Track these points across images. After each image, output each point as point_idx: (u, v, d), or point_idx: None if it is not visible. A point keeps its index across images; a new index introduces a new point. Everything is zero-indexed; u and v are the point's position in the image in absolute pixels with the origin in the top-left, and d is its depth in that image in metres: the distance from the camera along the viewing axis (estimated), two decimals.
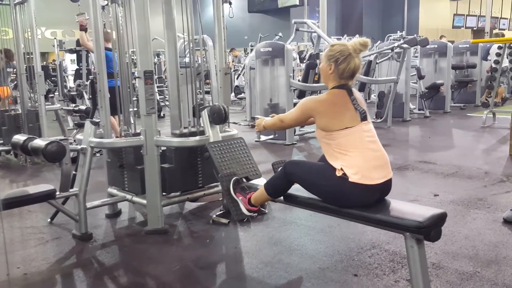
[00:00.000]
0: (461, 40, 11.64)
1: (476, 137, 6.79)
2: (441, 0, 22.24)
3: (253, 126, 2.83)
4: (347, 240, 3.01)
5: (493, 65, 7.78)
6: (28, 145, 2.95)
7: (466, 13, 19.95)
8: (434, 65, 9.48)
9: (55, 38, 11.69)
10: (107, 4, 3.58)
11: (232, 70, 11.42)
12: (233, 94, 10.78)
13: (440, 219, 2.07)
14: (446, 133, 7.43)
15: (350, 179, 2.19)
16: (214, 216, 3.45)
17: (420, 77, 8.77)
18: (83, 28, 5.40)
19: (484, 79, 9.74)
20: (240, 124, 6.89)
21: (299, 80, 7.28)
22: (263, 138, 6.63)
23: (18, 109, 5.98)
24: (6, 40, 6.27)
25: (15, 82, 6.61)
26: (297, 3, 20.59)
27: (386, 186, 2.27)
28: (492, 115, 7.58)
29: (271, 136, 6.60)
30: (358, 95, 2.40)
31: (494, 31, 14.10)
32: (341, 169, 2.22)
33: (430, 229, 2.00)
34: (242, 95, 10.47)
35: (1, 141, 5.74)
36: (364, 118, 2.30)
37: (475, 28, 21.23)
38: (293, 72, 6.89)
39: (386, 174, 2.26)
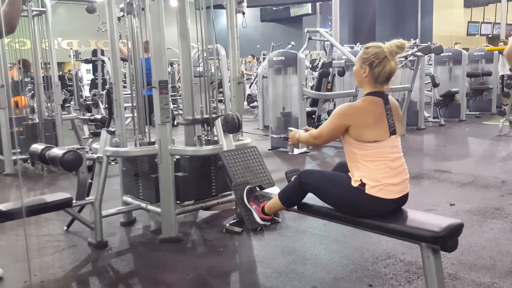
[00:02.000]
0: (476, 48, 11.54)
1: (492, 145, 6.70)
2: (455, 7, 22.08)
3: (286, 139, 2.70)
4: (362, 250, 2.99)
5: (510, 73, 7.69)
6: (45, 154, 3.00)
7: (480, 20, 19.78)
8: (448, 72, 9.41)
9: (71, 49, 11.88)
10: (123, 16, 3.64)
11: (244, 79, 11.46)
12: (245, 102, 10.81)
13: (457, 229, 2.05)
14: (462, 141, 7.35)
15: (366, 191, 2.17)
16: (228, 224, 3.46)
17: (435, 85, 8.71)
18: None
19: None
20: (274, 137, 6.64)
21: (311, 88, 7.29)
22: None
23: (36, 118, 6.08)
24: (24, 50, 6.41)
25: (33, 91, 6.75)
26: (310, 12, 20.66)
27: (402, 200, 2.24)
28: (508, 123, 7.48)
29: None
30: (394, 104, 2.30)
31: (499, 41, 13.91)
32: (360, 180, 2.19)
33: (446, 240, 1.98)
34: (255, 103, 10.50)
35: (19, 150, 5.83)
36: (393, 132, 2.23)
37: (490, 36, 21.01)
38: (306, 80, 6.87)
39: (403, 189, 2.23)
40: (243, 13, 3.91)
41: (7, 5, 2.35)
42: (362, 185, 2.18)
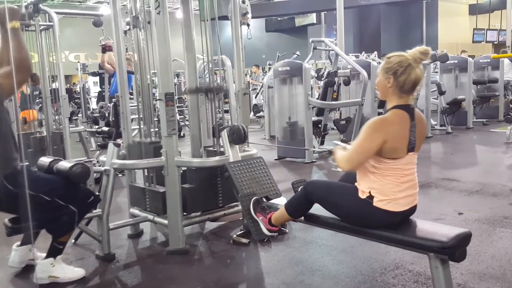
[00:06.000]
0: (482, 55, 11.50)
1: (500, 153, 6.65)
2: (460, 15, 22.08)
3: (330, 153, 2.49)
4: (370, 261, 2.97)
5: None
6: (53, 167, 3.02)
7: (486, 27, 19.75)
8: (454, 80, 9.38)
9: (78, 62, 11.99)
10: (129, 29, 3.68)
11: (250, 90, 11.49)
12: (251, 112, 10.83)
13: (465, 238, 2.04)
14: (469, 149, 7.31)
15: (374, 204, 2.16)
16: (235, 236, 3.45)
17: (441, 92, 8.68)
18: (110, 50, 5.56)
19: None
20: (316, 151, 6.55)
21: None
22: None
23: (43, 131, 6.12)
24: (32, 64, 6.48)
25: (40, 105, 6.80)
26: (315, 22, 20.78)
27: (410, 211, 2.23)
28: None
29: None
30: (420, 119, 2.22)
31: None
32: (369, 192, 2.18)
33: (454, 249, 1.97)
34: (261, 113, 10.53)
35: (27, 163, 5.86)
36: (411, 149, 2.18)
37: (496, 42, 20.95)
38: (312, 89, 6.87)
39: (411, 202, 2.23)
40: (248, 25, 3.93)
41: (14, 50, 2.17)
42: (370, 197, 2.17)
